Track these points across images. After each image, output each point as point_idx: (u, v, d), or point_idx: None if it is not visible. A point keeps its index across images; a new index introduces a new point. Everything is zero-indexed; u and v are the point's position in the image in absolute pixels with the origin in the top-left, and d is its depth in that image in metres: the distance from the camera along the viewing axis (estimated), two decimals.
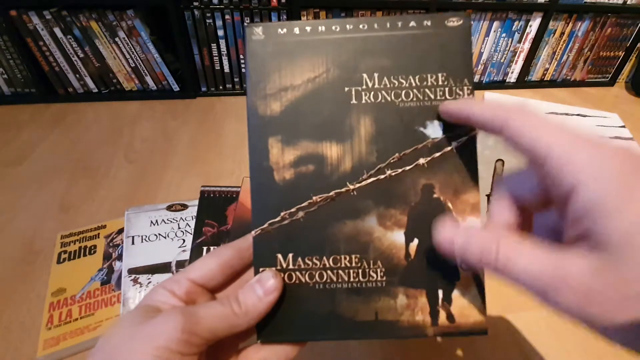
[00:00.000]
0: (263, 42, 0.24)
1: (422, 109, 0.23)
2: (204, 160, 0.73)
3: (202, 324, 0.19)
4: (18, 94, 0.92)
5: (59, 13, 0.83)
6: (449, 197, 0.23)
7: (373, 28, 0.23)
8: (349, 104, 0.23)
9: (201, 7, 0.88)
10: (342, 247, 0.23)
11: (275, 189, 0.23)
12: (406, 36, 0.23)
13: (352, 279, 0.23)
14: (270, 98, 0.23)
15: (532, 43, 1.10)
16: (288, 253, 0.23)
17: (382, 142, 0.23)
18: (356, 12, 0.95)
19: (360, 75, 0.23)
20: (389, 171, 0.23)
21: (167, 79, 0.97)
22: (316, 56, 0.23)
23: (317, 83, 0.23)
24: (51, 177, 0.66)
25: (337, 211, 0.23)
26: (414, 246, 0.23)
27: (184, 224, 0.52)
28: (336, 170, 0.23)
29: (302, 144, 0.23)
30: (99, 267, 0.46)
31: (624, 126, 0.43)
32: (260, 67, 0.24)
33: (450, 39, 0.23)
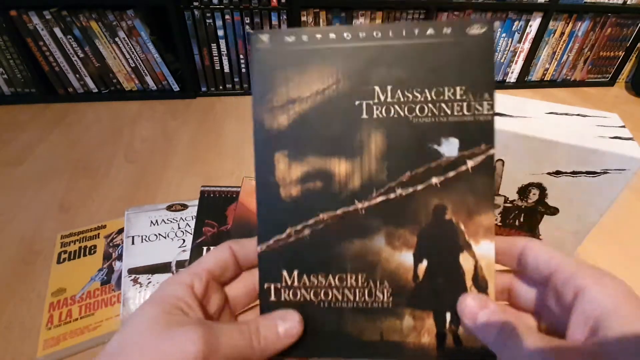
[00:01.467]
0: (269, 51, 0.22)
1: (437, 125, 0.22)
2: (204, 160, 0.73)
3: (220, 352, 0.19)
4: (18, 94, 0.92)
5: (59, 13, 0.83)
6: (462, 219, 0.22)
7: (388, 36, 0.22)
8: (359, 119, 0.22)
9: (201, 7, 0.88)
10: (349, 266, 0.23)
11: (281, 205, 0.22)
12: (423, 45, 0.22)
13: (358, 298, 0.23)
14: (277, 111, 0.22)
15: (532, 43, 1.10)
16: (293, 270, 0.23)
17: (394, 159, 0.22)
18: (356, 12, 0.95)
19: (372, 87, 0.22)
20: (399, 190, 0.22)
21: (167, 79, 0.97)
22: (326, 66, 0.22)
23: (327, 95, 0.22)
24: (51, 177, 0.66)
25: (345, 229, 0.22)
26: (423, 268, 0.22)
27: (184, 224, 0.52)
28: (345, 188, 0.22)
29: (309, 160, 0.22)
30: (99, 267, 0.46)
31: (624, 126, 0.43)
32: (267, 77, 0.22)
33: (471, 49, 0.21)
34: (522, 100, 0.47)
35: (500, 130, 0.42)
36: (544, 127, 0.42)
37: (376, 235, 0.22)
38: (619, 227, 0.60)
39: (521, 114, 0.44)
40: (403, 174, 0.22)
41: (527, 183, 0.44)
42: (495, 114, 0.21)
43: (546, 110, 0.45)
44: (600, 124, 0.43)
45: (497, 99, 0.47)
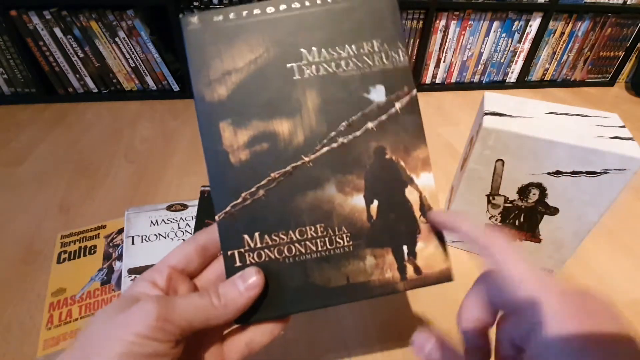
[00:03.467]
0: (200, 31, 0.24)
1: (364, 76, 0.24)
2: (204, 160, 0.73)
3: (178, 313, 0.20)
4: (18, 94, 0.92)
5: (59, 13, 0.83)
6: (401, 156, 0.24)
7: (304, 5, 0.24)
8: (292, 80, 0.24)
9: (201, 7, 0.88)
10: (306, 219, 0.24)
11: (233, 172, 0.23)
12: (338, 9, 0.24)
13: (320, 248, 0.23)
14: (215, 83, 0.24)
15: (532, 43, 1.10)
16: (254, 232, 0.23)
17: (331, 112, 0.24)
18: None
19: (300, 50, 0.24)
20: (340, 139, 0.24)
21: (167, 79, 0.97)
22: (254, 37, 0.24)
23: (259, 63, 0.24)
24: (51, 177, 0.66)
25: (297, 184, 0.23)
26: (375, 207, 0.24)
27: (184, 224, 0.52)
28: (290, 145, 0.24)
29: (253, 124, 0.24)
30: (99, 267, 0.46)
31: (624, 126, 0.43)
32: (200, 55, 0.24)
33: (378, 6, 0.24)
34: (522, 100, 0.47)
35: (500, 130, 0.42)
36: (544, 127, 0.42)
37: (327, 185, 0.24)
38: (619, 227, 0.60)
39: (521, 114, 0.44)
40: (341, 124, 0.24)
41: (527, 183, 0.44)
42: (409, 59, 0.24)
43: (546, 110, 0.45)
44: (600, 124, 0.43)
45: (497, 99, 0.47)
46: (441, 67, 1.10)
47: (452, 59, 1.10)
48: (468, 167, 0.46)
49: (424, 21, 1.00)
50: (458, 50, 1.08)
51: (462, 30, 1.04)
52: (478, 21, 1.04)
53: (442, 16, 1.01)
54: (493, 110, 0.45)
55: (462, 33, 1.05)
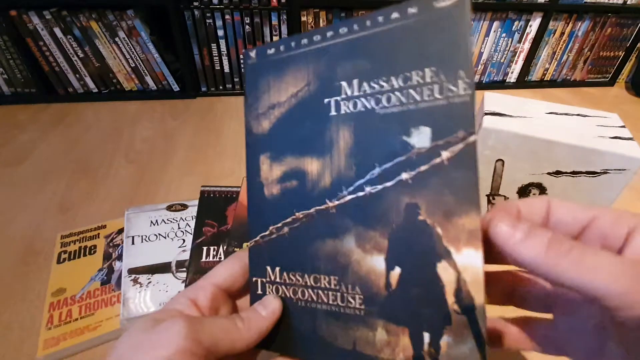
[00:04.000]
0: (256, 65, 0.24)
1: (406, 114, 0.19)
2: (204, 160, 0.73)
3: (205, 332, 0.19)
4: (18, 94, 0.92)
5: (59, 13, 0.83)
6: (439, 220, 0.19)
7: (353, 30, 0.21)
8: (328, 116, 0.22)
9: (201, 7, 0.88)
10: (322, 267, 0.22)
11: (265, 204, 0.23)
12: (389, 31, 0.20)
13: (331, 301, 0.22)
14: (261, 117, 0.24)
15: (532, 43, 1.10)
16: (275, 266, 0.23)
17: (362, 155, 0.21)
18: (356, 11, 0.95)
19: (339, 84, 0.21)
20: (368, 188, 0.20)
21: (167, 79, 0.97)
22: (299, 70, 0.23)
23: (300, 97, 0.23)
24: (51, 177, 0.66)
25: (318, 229, 0.22)
26: (396, 275, 0.20)
27: (184, 224, 0.52)
28: (316, 186, 0.22)
29: (287, 160, 0.23)
30: (99, 267, 0.46)
31: (624, 126, 0.43)
32: (254, 88, 0.24)
33: (440, 24, 0.18)
34: (522, 100, 0.47)
35: (500, 130, 0.42)
36: (544, 127, 0.42)
37: (347, 236, 0.21)
38: None
39: (521, 114, 0.44)
40: (371, 170, 0.20)
41: (527, 183, 0.44)
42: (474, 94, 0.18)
43: (546, 110, 0.45)
44: (600, 124, 0.43)
45: (497, 98, 0.47)
46: None
47: None
48: None
49: None
50: None
51: None
52: (478, 21, 1.04)
53: None
54: (493, 110, 0.45)
55: None
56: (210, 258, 0.46)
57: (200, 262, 0.45)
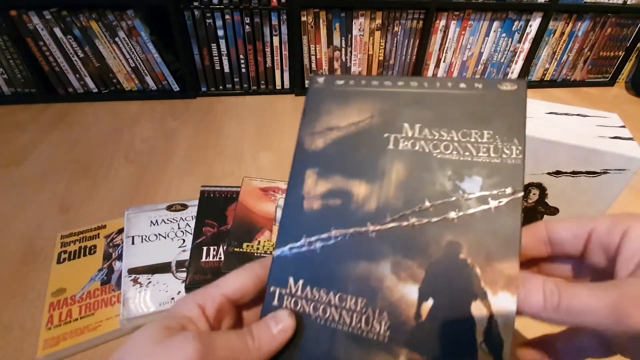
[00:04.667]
0: (322, 89, 0.26)
1: (461, 163, 0.22)
2: (204, 160, 0.73)
3: (217, 351, 0.19)
4: (18, 94, 0.92)
5: (59, 13, 0.83)
6: (479, 262, 0.20)
7: (422, 86, 0.24)
8: (385, 149, 0.23)
9: (201, 7, 0.88)
10: (351, 288, 0.22)
11: (302, 216, 0.24)
12: (455, 95, 0.23)
13: (355, 324, 0.21)
14: (316, 135, 0.25)
15: (532, 43, 1.10)
16: (299, 279, 0.23)
17: (412, 189, 0.22)
18: (356, 11, 0.95)
19: (402, 124, 0.23)
20: (412, 219, 0.21)
21: (167, 79, 0.97)
22: (364, 104, 0.25)
23: (360, 127, 0.24)
24: (51, 177, 0.66)
25: (353, 249, 0.22)
26: (427, 307, 0.20)
27: (184, 224, 0.52)
28: (360, 209, 0.23)
29: (334, 179, 0.24)
30: (99, 267, 0.46)
31: (624, 126, 0.43)
32: (315, 109, 0.26)
33: (501, 101, 0.22)
34: None
35: None
36: (544, 127, 0.42)
37: (382, 261, 0.21)
38: None
39: None
40: (420, 204, 0.22)
41: (527, 183, 0.44)
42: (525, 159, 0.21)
43: (546, 110, 0.45)
44: (600, 124, 0.43)
45: None
46: (441, 67, 1.10)
47: (452, 59, 1.10)
48: None
49: (424, 21, 1.00)
50: (458, 50, 1.08)
51: (462, 30, 1.04)
52: (478, 21, 1.04)
53: (442, 16, 1.01)
54: None
55: (462, 33, 1.05)
56: (210, 258, 0.46)
57: (200, 262, 0.45)
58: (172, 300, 0.42)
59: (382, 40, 1.01)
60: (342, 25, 0.97)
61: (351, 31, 0.98)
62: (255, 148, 0.78)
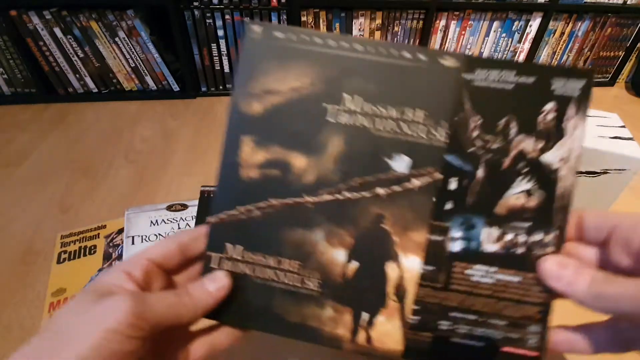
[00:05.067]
0: (259, 42, 0.24)
1: (394, 141, 0.23)
2: (204, 160, 0.73)
3: (151, 309, 0.20)
4: (18, 94, 0.92)
5: (59, 13, 0.83)
6: (397, 231, 0.23)
7: (367, 51, 0.23)
8: (323, 120, 0.24)
9: (201, 7, 0.88)
10: (287, 252, 0.24)
11: (238, 184, 0.24)
12: (397, 66, 0.23)
13: (290, 282, 0.24)
14: (253, 98, 0.24)
15: (532, 43, 1.10)
16: (237, 244, 0.24)
17: (348, 164, 0.24)
18: (356, 11, 0.95)
19: (341, 94, 0.23)
20: (347, 194, 0.24)
21: (167, 79, 0.97)
22: (305, 67, 0.24)
23: (300, 93, 0.24)
24: (51, 177, 0.66)
25: (290, 218, 0.24)
26: (353, 268, 0.24)
27: (184, 224, 0.52)
28: (298, 180, 0.24)
29: (272, 149, 0.24)
30: (99, 267, 0.46)
31: (624, 126, 0.43)
32: (250, 65, 0.24)
33: (440, 78, 0.23)
34: None
35: None
36: None
37: (317, 229, 0.24)
38: None
39: None
40: (353, 179, 0.24)
41: None
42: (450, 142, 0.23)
43: None
44: (600, 124, 0.43)
45: None
46: None
47: None
48: None
49: (424, 21, 1.00)
50: (458, 50, 1.08)
51: (462, 30, 1.04)
52: (478, 21, 1.04)
53: (442, 16, 1.01)
54: None
55: (462, 33, 1.05)
56: None
57: None
58: None
59: (382, 40, 1.01)
60: (342, 25, 0.97)
61: (351, 31, 0.98)
62: None
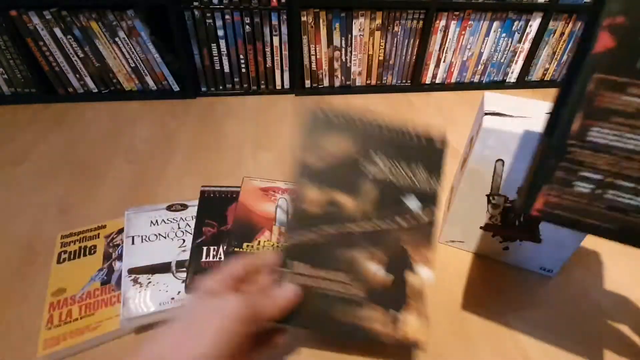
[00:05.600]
0: (321, 119, 0.36)
1: (408, 187, 0.36)
2: (204, 160, 0.73)
3: (254, 306, 0.28)
4: (18, 94, 0.92)
5: (59, 13, 0.83)
6: (414, 250, 0.35)
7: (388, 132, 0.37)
8: (361, 171, 0.36)
9: (201, 7, 0.88)
10: (339, 267, 0.33)
11: (303, 216, 0.34)
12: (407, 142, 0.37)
13: (343, 290, 0.33)
14: (315, 155, 0.35)
15: (532, 43, 1.10)
16: (301, 262, 0.33)
17: (380, 203, 0.35)
18: (356, 11, 0.95)
19: (370, 151, 0.36)
20: (380, 224, 0.35)
21: (167, 79, 0.97)
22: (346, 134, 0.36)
23: (346, 154, 0.36)
24: (51, 177, 0.66)
25: (341, 242, 0.34)
26: (388, 279, 0.34)
27: (184, 224, 0.52)
28: (346, 214, 0.35)
29: (327, 191, 0.35)
30: (99, 267, 0.46)
31: None
32: (314, 133, 0.36)
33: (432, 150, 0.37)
34: (522, 100, 0.47)
35: (500, 130, 0.42)
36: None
37: (362, 250, 0.34)
38: None
39: (521, 114, 0.44)
40: (385, 214, 0.35)
41: None
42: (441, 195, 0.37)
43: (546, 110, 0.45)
44: None
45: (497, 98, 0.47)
46: (441, 67, 1.10)
47: (452, 59, 1.10)
48: (468, 167, 0.46)
49: (424, 21, 1.00)
50: (458, 50, 1.08)
51: (462, 30, 1.04)
52: (478, 21, 1.04)
53: (442, 16, 1.01)
54: (493, 110, 0.45)
55: (462, 33, 1.05)
56: (210, 258, 0.46)
57: (200, 262, 0.45)
58: (172, 300, 0.42)
59: (382, 40, 1.01)
60: (342, 25, 0.97)
61: (351, 31, 0.98)
62: (255, 148, 0.78)
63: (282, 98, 1.02)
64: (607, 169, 0.24)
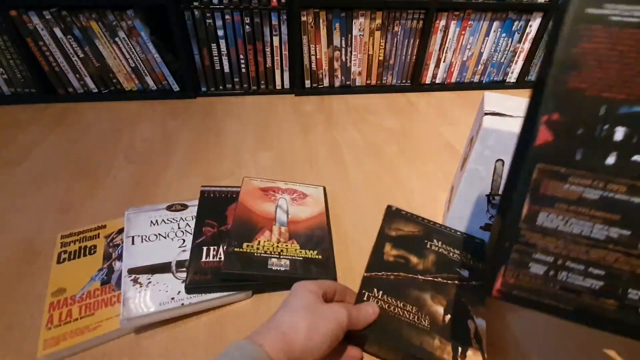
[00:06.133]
0: (393, 212, 0.54)
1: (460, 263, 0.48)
2: (204, 160, 0.73)
3: (353, 315, 0.36)
4: (18, 94, 0.92)
5: (59, 13, 0.83)
6: (470, 303, 0.43)
7: (444, 236, 0.52)
8: (426, 245, 0.49)
9: (201, 7, 0.88)
10: (409, 301, 0.42)
11: (382, 262, 0.46)
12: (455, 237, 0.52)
13: (411, 319, 0.40)
14: (392, 230, 0.51)
15: (532, 43, 1.10)
16: (380, 290, 0.42)
17: (440, 265, 0.47)
18: (356, 11, 0.95)
19: (432, 238, 0.51)
20: (440, 279, 0.45)
21: (167, 79, 0.97)
22: (415, 225, 0.53)
23: (413, 234, 0.51)
24: (51, 177, 0.66)
25: (410, 283, 0.44)
26: (447, 318, 0.41)
27: (184, 224, 0.52)
28: (414, 267, 0.46)
29: (401, 250, 0.48)
30: (99, 267, 0.46)
31: None
32: (391, 219, 0.53)
33: (470, 243, 0.51)
34: (522, 101, 0.47)
35: (500, 130, 0.42)
36: None
37: (426, 293, 0.43)
38: None
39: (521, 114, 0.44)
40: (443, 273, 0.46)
41: None
42: None
43: None
44: None
45: (497, 98, 0.47)
46: (441, 67, 1.10)
47: (452, 59, 1.10)
48: (468, 167, 0.46)
49: (424, 21, 1.00)
50: (458, 50, 1.08)
51: (462, 30, 1.04)
52: (478, 21, 1.04)
53: (442, 16, 1.01)
54: (493, 110, 0.45)
55: (462, 33, 1.05)
56: (210, 258, 0.46)
57: (200, 262, 0.45)
58: (172, 300, 0.42)
59: (382, 40, 1.01)
60: (342, 25, 0.97)
61: (351, 31, 0.98)
62: (255, 148, 0.78)
63: (282, 98, 1.02)
64: (557, 252, 0.25)
